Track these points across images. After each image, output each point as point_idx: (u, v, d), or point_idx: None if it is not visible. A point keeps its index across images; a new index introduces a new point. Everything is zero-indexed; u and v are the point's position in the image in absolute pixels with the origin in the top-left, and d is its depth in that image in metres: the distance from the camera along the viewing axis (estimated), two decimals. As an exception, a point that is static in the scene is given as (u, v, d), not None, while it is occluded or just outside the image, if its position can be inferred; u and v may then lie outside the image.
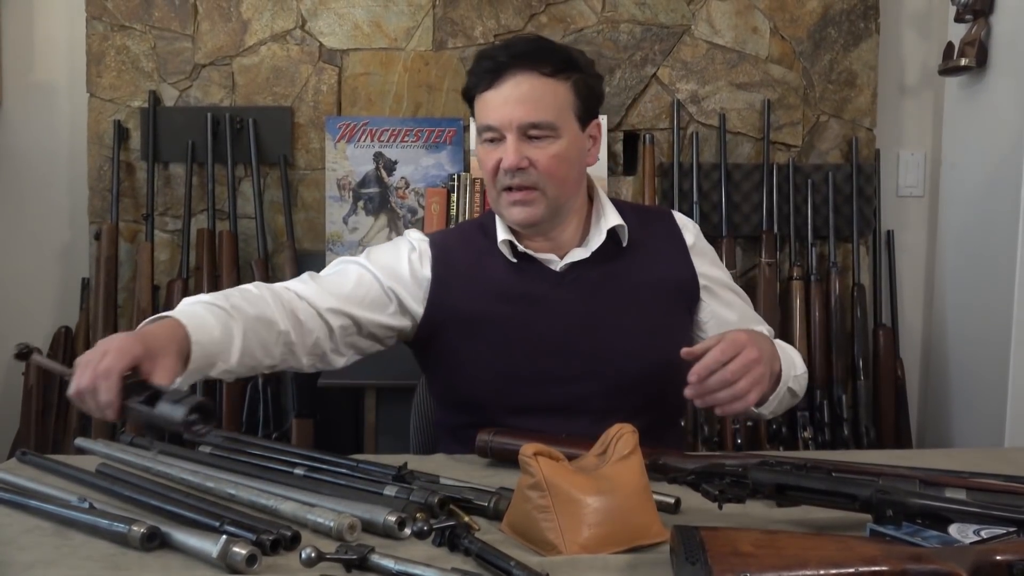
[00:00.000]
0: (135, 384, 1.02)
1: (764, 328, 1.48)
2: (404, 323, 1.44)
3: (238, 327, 1.25)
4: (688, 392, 1.18)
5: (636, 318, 1.42)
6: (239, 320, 1.25)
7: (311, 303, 1.36)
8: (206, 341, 1.19)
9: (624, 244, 1.44)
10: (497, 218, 1.45)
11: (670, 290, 1.45)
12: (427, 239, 1.48)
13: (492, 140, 1.37)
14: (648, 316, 1.42)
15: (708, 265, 1.49)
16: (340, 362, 1.42)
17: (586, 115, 1.41)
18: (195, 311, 1.22)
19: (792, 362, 1.39)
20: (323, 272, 1.46)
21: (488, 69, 1.36)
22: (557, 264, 1.43)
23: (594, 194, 1.48)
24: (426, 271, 1.44)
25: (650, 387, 1.41)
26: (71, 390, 1.08)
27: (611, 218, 1.43)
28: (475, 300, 1.42)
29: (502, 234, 1.42)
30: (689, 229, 1.50)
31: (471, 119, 1.48)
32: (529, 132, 1.35)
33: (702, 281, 1.46)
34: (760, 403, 1.29)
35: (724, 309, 1.47)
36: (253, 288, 1.34)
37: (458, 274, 1.44)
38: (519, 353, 1.40)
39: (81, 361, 1.09)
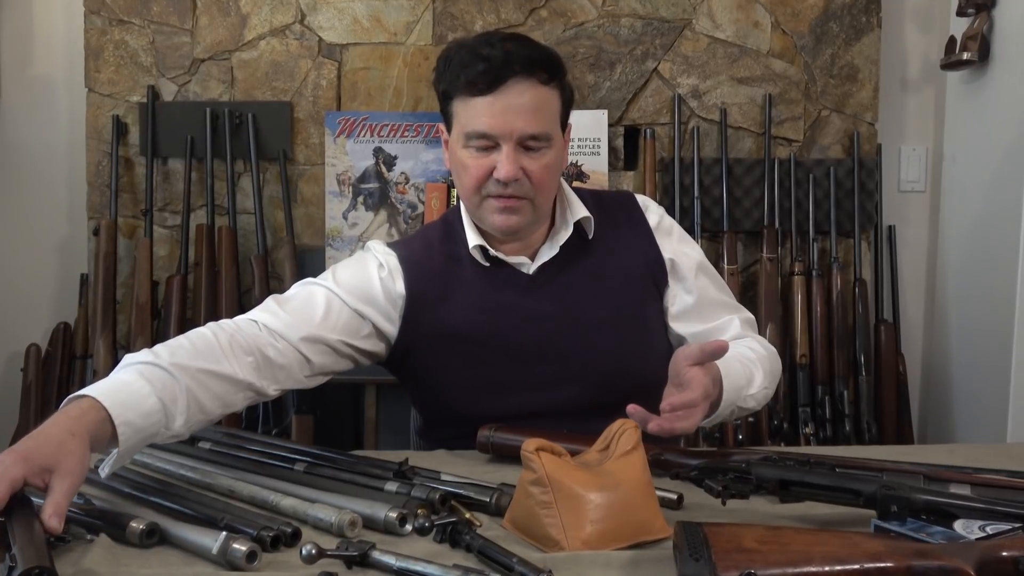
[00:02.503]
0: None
1: (734, 316, 1.45)
2: (378, 346, 1.40)
3: (180, 388, 1.12)
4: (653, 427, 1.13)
5: (610, 313, 1.40)
6: (182, 380, 1.12)
7: (282, 335, 1.28)
8: (135, 417, 1.05)
9: (590, 237, 1.42)
10: (466, 221, 1.40)
11: (640, 277, 1.42)
12: (393, 253, 1.41)
13: (483, 147, 1.31)
14: (621, 308, 1.41)
15: (675, 243, 1.46)
16: (312, 385, 1.36)
17: (565, 120, 1.39)
18: (125, 380, 1.09)
19: (750, 379, 1.32)
20: (288, 295, 1.36)
21: (483, 72, 1.28)
22: (528, 267, 1.40)
23: (559, 188, 1.44)
24: (399, 287, 1.38)
25: (631, 380, 1.39)
26: None
27: (577, 211, 1.41)
28: (450, 314, 1.38)
29: (473, 239, 1.39)
30: (652, 210, 1.47)
31: (446, 115, 1.37)
32: (526, 143, 1.31)
33: (668, 261, 1.44)
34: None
35: (684, 293, 1.44)
36: (209, 333, 1.23)
37: (431, 289, 1.39)
38: (498, 363, 1.38)
39: None
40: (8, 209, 2.81)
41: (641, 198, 1.49)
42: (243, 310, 2.59)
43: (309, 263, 2.70)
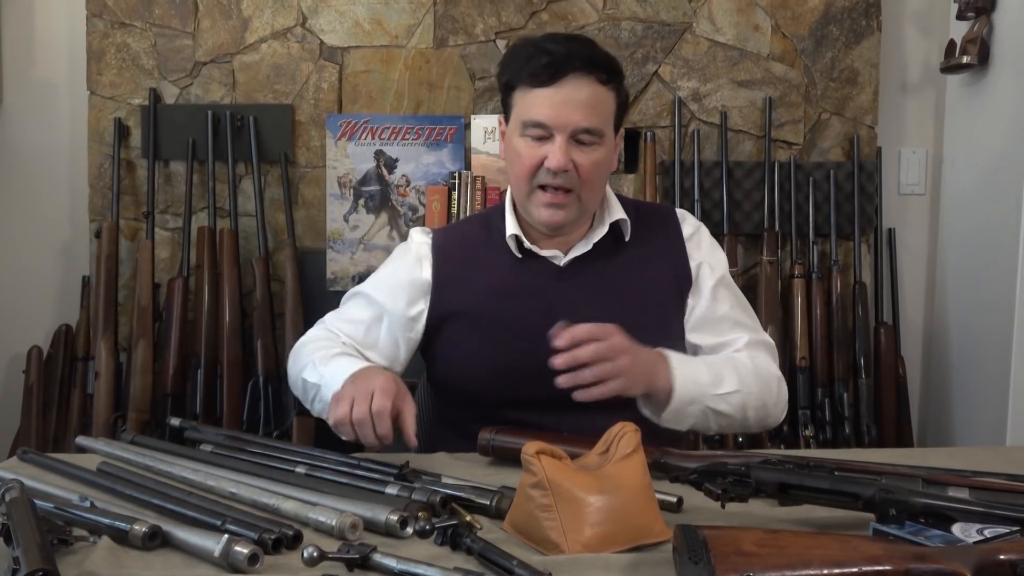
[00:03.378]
0: None
1: (743, 335, 1.43)
2: (419, 330, 1.47)
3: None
4: (558, 361, 1.22)
5: (633, 312, 1.41)
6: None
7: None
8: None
9: (627, 239, 1.45)
10: (507, 212, 1.45)
11: (667, 284, 1.45)
12: (429, 240, 1.50)
13: (538, 137, 1.36)
14: (644, 310, 1.43)
15: (703, 254, 1.48)
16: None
17: (619, 124, 1.43)
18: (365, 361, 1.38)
19: (717, 378, 1.33)
20: (342, 314, 1.52)
21: (546, 65, 1.34)
22: (560, 260, 1.44)
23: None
24: (425, 274, 1.46)
25: None
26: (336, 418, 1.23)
27: (615, 212, 1.45)
28: (472, 296, 1.44)
29: (511, 228, 1.44)
30: (689, 222, 1.51)
31: (506, 106, 1.43)
32: (579, 136, 1.35)
33: (694, 271, 1.46)
34: (659, 412, 1.33)
35: (700, 304, 1.45)
36: (341, 337, 1.47)
37: (455, 273, 1.46)
38: (516, 347, 1.40)
39: (344, 395, 1.24)
40: (10, 211, 2.82)
41: (680, 211, 1.53)
42: (244, 312, 2.63)
43: (310, 265, 2.70)
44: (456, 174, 2.64)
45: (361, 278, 2.63)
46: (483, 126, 2.67)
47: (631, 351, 1.26)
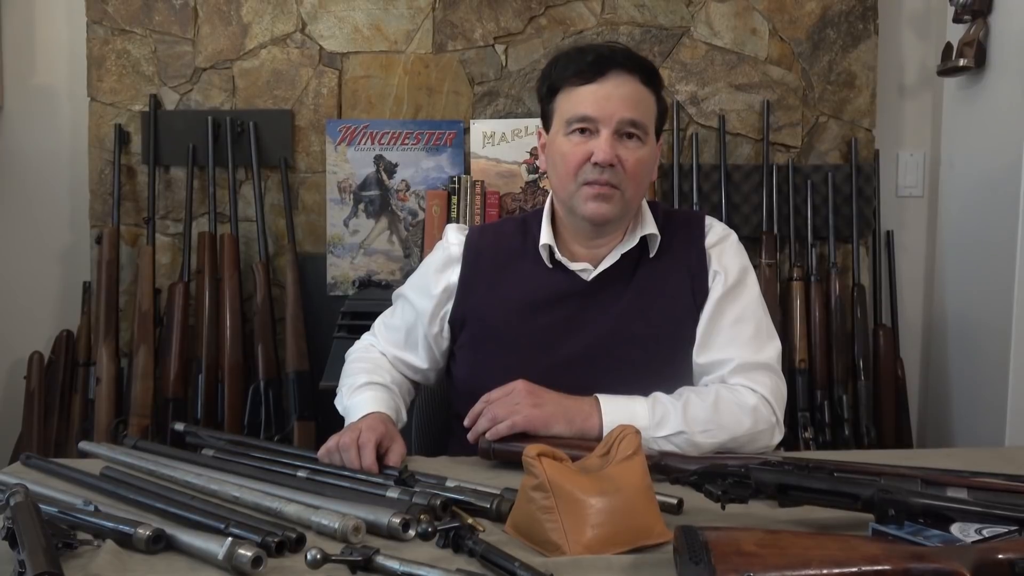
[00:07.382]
0: None
1: (732, 359, 1.39)
2: (447, 331, 1.51)
3: (400, 400, 1.48)
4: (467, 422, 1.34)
5: (648, 328, 1.42)
6: (397, 392, 1.49)
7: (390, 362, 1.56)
8: (397, 419, 1.43)
9: (651, 255, 1.45)
10: (544, 219, 1.46)
11: (685, 298, 1.44)
12: (463, 240, 1.51)
13: (583, 131, 1.37)
14: (660, 326, 1.42)
15: (723, 262, 1.46)
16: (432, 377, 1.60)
17: (659, 129, 1.44)
18: (382, 399, 1.43)
19: (660, 419, 1.30)
20: (386, 318, 1.59)
21: (592, 62, 1.37)
22: (589, 273, 1.44)
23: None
24: (453, 277, 1.49)
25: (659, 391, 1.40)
26: (326, 448, 1.29)
27: (647, 226, 1.45)
28: (496, 303, 1.45)
29: (545, 237, 1.44)
30: (715, 231, 1.49)
31: (548, 113, 1.45)
32: (626, 130, 1.37)
33: (710, 282, 1.45)
34: None
35: (701, 319, 1.43)
36: (379, 358, 1.54)
37: (484, 277, 1.47)
38: (534, 358, 1.41)
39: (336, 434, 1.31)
40: (11, 217, 2.82)
41: (709, 219, 1.52)
42: (245, 317, 2.64)
43: (310, 270, 2.71)
44: (456, 178, 2.65)
45: (362, 283, 2.64)
46: (482, 130, 2.68)
47: (536, 394, 1.31)
